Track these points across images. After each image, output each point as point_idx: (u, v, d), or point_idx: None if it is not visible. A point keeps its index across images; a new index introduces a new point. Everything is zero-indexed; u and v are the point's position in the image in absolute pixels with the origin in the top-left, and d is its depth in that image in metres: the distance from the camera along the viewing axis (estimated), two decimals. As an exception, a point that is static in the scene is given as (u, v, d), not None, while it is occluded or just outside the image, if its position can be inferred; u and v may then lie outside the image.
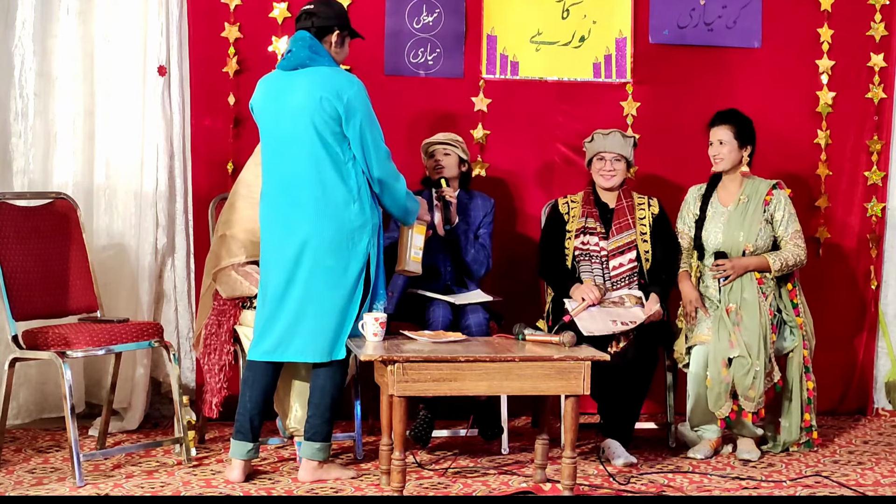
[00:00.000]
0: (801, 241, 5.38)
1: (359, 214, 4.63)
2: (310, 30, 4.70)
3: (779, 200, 5.38)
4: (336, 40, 4.74)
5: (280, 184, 4.69)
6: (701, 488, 4.72)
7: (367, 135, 4.63)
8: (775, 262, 5.28)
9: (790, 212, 5.39)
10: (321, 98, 4.57)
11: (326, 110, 4.58)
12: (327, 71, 4.65)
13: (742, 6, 6.06)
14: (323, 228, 4.60)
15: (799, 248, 5.36)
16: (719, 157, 5.39)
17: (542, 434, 4.74)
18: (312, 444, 4.68)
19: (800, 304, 5.41)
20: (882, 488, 4.74)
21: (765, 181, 5.42)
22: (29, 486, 4.63)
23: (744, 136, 5.38)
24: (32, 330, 4.86)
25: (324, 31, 4.71)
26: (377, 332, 4.64)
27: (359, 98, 4.62)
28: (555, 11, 5.97)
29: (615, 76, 6.01)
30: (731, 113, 5.44)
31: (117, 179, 5.74)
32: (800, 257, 5.36)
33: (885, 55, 6.13)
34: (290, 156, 4.65)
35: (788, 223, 5.38)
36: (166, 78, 5.67)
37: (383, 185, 4.69)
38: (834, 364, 6.14)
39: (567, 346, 4.52)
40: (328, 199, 4.60)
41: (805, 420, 5.30)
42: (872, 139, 6.16)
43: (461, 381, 4.35)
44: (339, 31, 4.73)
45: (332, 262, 4.61)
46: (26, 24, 5.55)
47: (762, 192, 5.37)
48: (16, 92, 5.57)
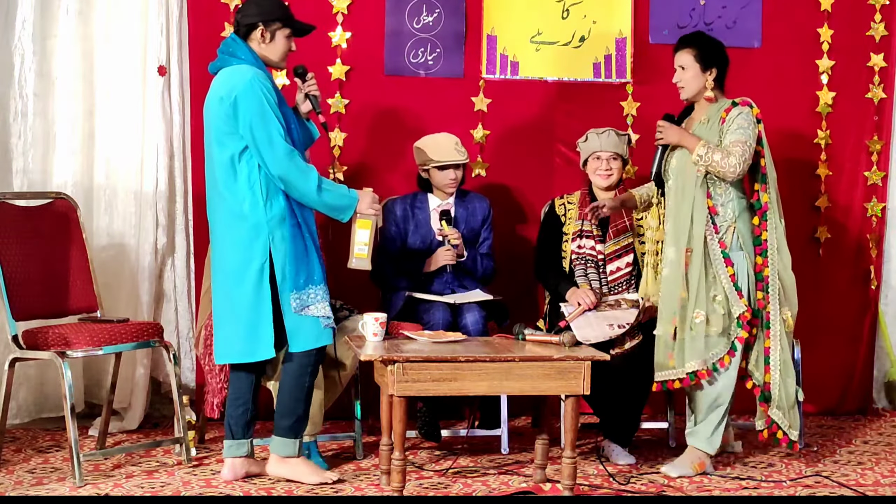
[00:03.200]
0: (739, 149, 4.82)
1: (252, 211, 4.55)
2: (238, 31, 4.68)
3: (734, 115, 4.92)
4: (263, 36, 4.63)
5: (207, 184, 4.74)
6: (701, 488, 4.72)
7: (258, 132, 4.52)
8: (701, 146, 4.84)
9: (738, 124, 4.89)
10: (219, 98, 4.58)
11: (222, 109, 4.56)
12: (226, 71, 4.62)
13: (742, 6, 6.06)
14: (223, 227, 4.63)
15: (732, 155, 4.81)
16: (681, 83, 5.01)
17: (542, 434, 4.75)
18: (275, 439, 4.70)
19: (770, 251, 4.97)
20: (882, 488, 4.74)
21: (728, 101, 5.01)
22: (29, 486, 4.63)
23: (707, 58, 4.98)
24: (32, 330, 4.86)
25: (249, 29, 4.65)
26: (377, 331, 4.63)
27: (247, 95, 4.52)
28: (555, 11, 5.97)
29: (615, 76, 6.01)
30: (694, 35, 5.11)
31: (117, 179, 5.74)
32: (727, 162, 4.80)
33: (885, 55, 6.13)
34: (209, 159, 4.71)
35: (732, 132, 4.88)
36: (166, 78, 5.67)
37: (284, 182, 4.56)
38: (834, 364, 6.14)
39: (567, 346, 4.52)
40: (224, 197, 4.59)
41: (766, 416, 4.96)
42: (872, 139, 6.16)
43: (461, 381, 4.35)
44: (263, 27, 4.63)
45: (234, 261, 4.59)
46: (26, 24, 5.55)
47: (722, 109, 4.97)
48: (15, 92, 5.57)
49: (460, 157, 5.37)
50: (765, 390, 4.93)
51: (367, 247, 4.74)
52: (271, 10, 4.67)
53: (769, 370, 4.92)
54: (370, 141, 5.87)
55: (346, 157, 5.88)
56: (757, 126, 4.93)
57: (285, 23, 4.69)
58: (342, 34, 5.83)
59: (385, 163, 5.85)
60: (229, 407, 4.76)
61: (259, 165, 4.56)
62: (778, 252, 4.97)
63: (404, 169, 5.63)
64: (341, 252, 5.59)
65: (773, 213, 4.99)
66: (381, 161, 5.87)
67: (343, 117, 5.86)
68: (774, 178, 5.03)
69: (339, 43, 5.83)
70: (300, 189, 4.59)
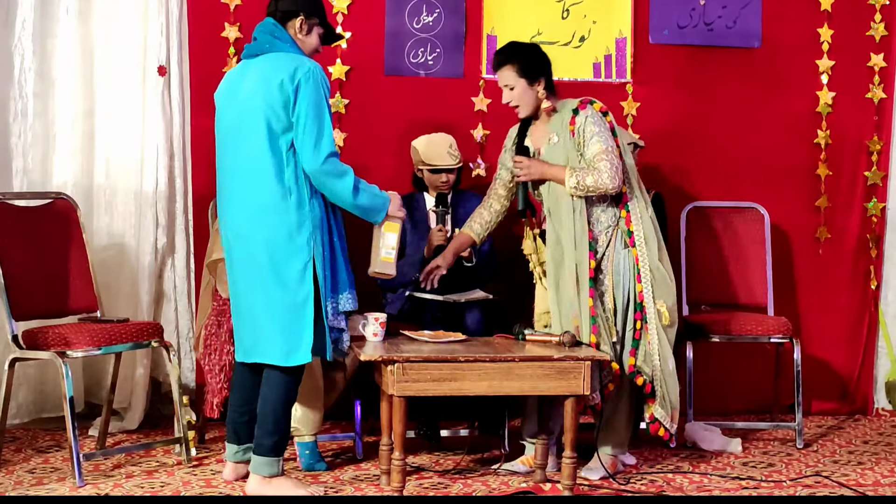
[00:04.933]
0: (605, 162, 4.65)
1: (296, 210, 4.38)
2: (274, 15, 4.55)
3: (581, 123, 4.73)
4: (301, 27, 4.53)
5: (226, 177, 4.52)
6: (701, 488, 4.72)
7: (310, 123, 4.33)
8: (571, 176, 4.66)
9: (592, 131, 4.70)
10: (277, 81, 4.35)
11: (277, 95, 4.34)
12: (284, 56, 4.44)
13: (742, 6, 6.06)
14: (259, 226, 4.38)
15: (601, 171, 4.64)
16: (513, 102, 4.79)
17: (542, 434, 4.74)
18: (256, 458, 4.47)
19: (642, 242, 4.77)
20: (882, 488, 4.74)
21: (569, 107, 4.79)
22: (29, 486, 4.63)
23: (530, 69, 4.76)
24: (32, 330, 4.86)
25: (288, 16, 4.51)
26: (377, 332, 4.63)
27: (309, 83, 4.35)
28: (555, 11, 5.97)
29: (615, 76, 6.01)
30: (509, 48, 4.86)
31: (117, 179, 5.74)
32: (601, 179, 4.63)
33: (885, 55, 6.13)
34: (235, 148, 4.47)
35: (591, 143, 4.69)
36: (166, 78, 5.67)
37: (321, 180, 4.38)
38: (834, 364, 6.15)
39: (567, 346, 4.52)
40: (264, 194, 4.36)
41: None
42: (872, 139, 6.16)
43: (461, 381, 4.35)
44: (304, 17, 4.52)
45: (270, 261, 4.37)
46: (26, 24, 5.55)
47: (567, 122, 4.76)
48: (15, 92, 5.57)
49: (452, 161, 5.36)
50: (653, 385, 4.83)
51: (394, 251, 4.67)
52: (315, 4, 4.60)
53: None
54: (370, 141, 5.87)
55: (346, 157, 5.82)
56: (605, 119, 4.77)
57: (322, 21, 4.64)
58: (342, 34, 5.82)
59: (385, 163, 5.85)
60: (234, 412, 4.67)
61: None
62: (646, 242, 4.78)
63: (404, 169, 5.63)
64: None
65: (634, 202, 4.80)
66: (380, 161, 5.86)
67: (343, 117, 5.86)
68: (632, 164, 4.87)
69: (339, 43, 5.82)
70: (337, 189, 4.42)
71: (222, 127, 4.57)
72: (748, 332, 5.52)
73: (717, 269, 5.89)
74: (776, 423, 5.76)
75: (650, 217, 4.82)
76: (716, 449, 5.33)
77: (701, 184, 6.07)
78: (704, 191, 6.05)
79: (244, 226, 4.44)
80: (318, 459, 4.94)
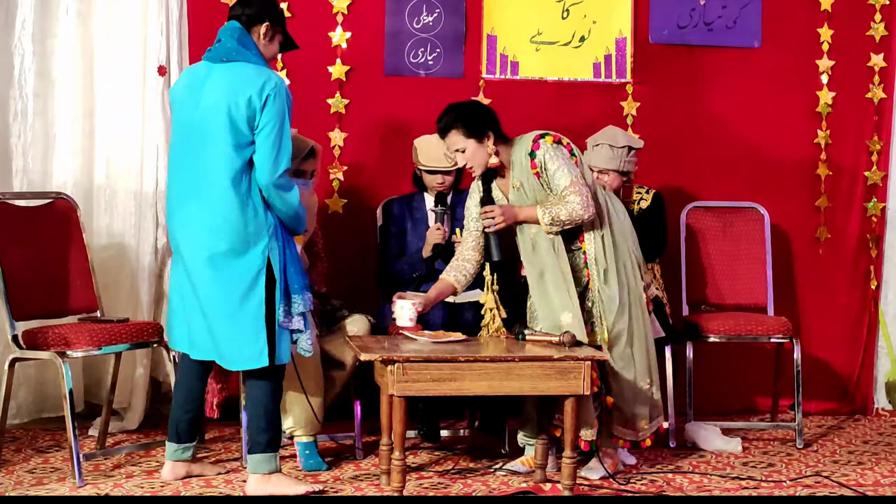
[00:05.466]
0: (575, 194, 4.63)
1: (253, 220, 4.40)
2: (240, 19, 4.54)
3: (541, 162, 4.71)
4: (265, 33, 4.54)
5: (181, 178, 4.51)
6: (701, 488, 4.72)
7: (273, 138, 4.37)
8: (544, 215, 4.66)
9: (555, 166, 4.68)
10: (245, 97, 4.36)
11: (244, 110, 4.36)
12: (252, 68, 4.43)
13: (742, 6, 6.06)
14: (217, 235, 4.39)
15: (572, 203, 4.62)
16: (469, 164, 4.76)
17: (542, 434, 4.74)
18: (252, 457, 4.52)
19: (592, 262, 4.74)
20: (882, 488, 4.74)
21: (524, 151, 4.74)
22: (29, 486, 4.63)
23: (475, 127, 4.73)
24: (32, 330, 4.86)
25: (253, 21, 4.52)
26: (412, 317, 4.67)
27: (277, 100, 4.38)
28: (555, 11, 5.97)
29: (615, 76, 6.01)
30: (449, 112, 4.79)
31: (117, 179, 5.74)
32: (575, 211, 4.63)
33: (885, 55, 6.13)
34: (194, 153, 4.44)
35: (556, 178, 4.68)
36: (166, 78, 5.67)
37: (269, 192, 4.41)
38: (834, 364, 6.15)
39: (567, 346, 4.52)
40: (223, 203, 4.38)
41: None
42: (872, 139, 6.16)
43: (461, 381, 4.35)
44: (269, 24, 4.54)
45: (228, 268, 4.39)
46: (26, 24, 5.55)
47: (527, 166, 4.73)
48: (15, 92, 5.57)
49: (447, 163, 5.35)
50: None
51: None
52: (278, 12, 4.64)
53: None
54: (370, 141, 5.87)
55: (345, 157, 5.88)
56: (561, 147, 4.73)
57: (284, 30, 4.66)
58: (342, 34, 5.83)
59: (385, 163, 5.85)
60: (178, 409, 4.66)
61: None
62: (595, 262, 4.76)
63: (404, 169, 5.62)
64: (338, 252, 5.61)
65: (590, 223, 4.76)
66: (381, 161, 5.87)
67: (343, 117, 5.86)
68: (591, 183, 4.79)
69: (339, 43, 5.83)
70: (286, 201, 4.45)
71: (181, 126, 4.55)
72: (748, 332, 5.52)
73: (717, 269, 5.89)
74: (776, 423, 5.76)
75: (606, 242, 4.76)
76: (716, 449, 5.33)
77: (701, 184, 6.07)
78: (704, 191, 6.05)
79: (201, 234, 4.44)
80: (319, 459, 4.94)
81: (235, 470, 4.87)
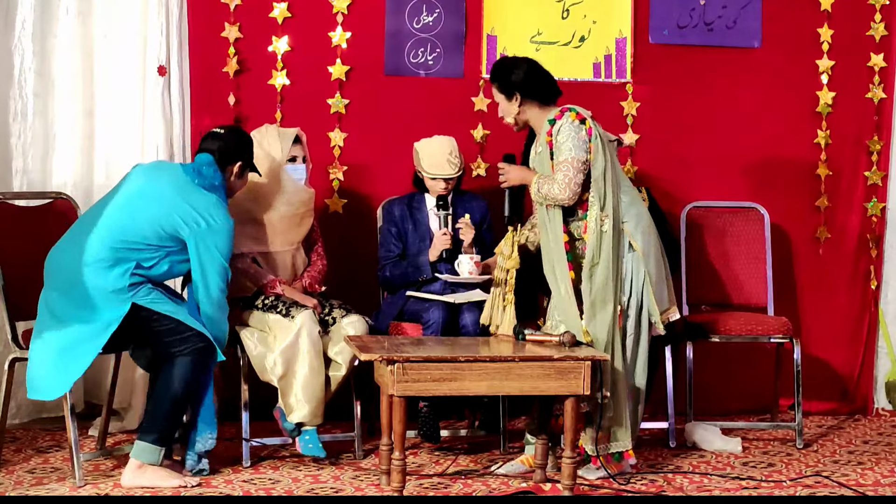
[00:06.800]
0: (561, 173, 4.68)
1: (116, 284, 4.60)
2: (213, 153, 4.78)
3: (555, 133, 4.76)
4: (237, 171, 4.84)
5: (98, 215, 4.70)
6: (701, 488, 4.72)
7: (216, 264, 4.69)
8: (534, 183, 4.76)
9: (562, 140, 4.72)
10: (193, 220, 4.62)
11: (176, 229, 4.63)
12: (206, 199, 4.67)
13: (742, 6, 6.06)
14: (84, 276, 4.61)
15: (555, 181, 4.68)
16: (500, 116, 4.95)
17: (541, 434, 4.74)
18: (140, 443, 4.62)
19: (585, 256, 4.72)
20: (882, 488, 4.74)
21: (549, 117, 4.81)
22: (29, 486, 4.63)
23: (506, 87, 4.86)
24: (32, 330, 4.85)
25: (227, 161, 4.81)
26: (472, 270, 5.04)
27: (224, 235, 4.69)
28: (555, 11, 5.97)
29: (615, 76, 6.01)
30: (493, 68, 4.98)
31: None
32: (552, 190, 4.69)
33: (885, 55, 6.13)
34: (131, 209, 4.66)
35: (560, 152, 4.72)
36: (166, 78, 5.67)
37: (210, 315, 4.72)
38: (834, 364, 6.15)
39: (567, 346, 4.52)
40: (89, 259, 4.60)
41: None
42: (872, 139, 6.16)
43: (461, 381, 4.35)
44: (241, 164, 4.84)
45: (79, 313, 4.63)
46: (26, 24, 5.55)
47: (545, 136, 4.80)
48: (15, 92, 5.57)
49: (451, 170, 5.34)
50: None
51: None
52: (249, 150, 4.90)
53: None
54: (370, 141, 5.87)
55: (345, 157, 5.88)
56: (582, 128, 4.74)
57: (253, 166, 4.93)
58: (342, 34, 5.83)
59: (385, 163, 5.85)
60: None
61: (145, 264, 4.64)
62: (592, 255, 4.72)
63: (404, 169, 5.62)
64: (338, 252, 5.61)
65: (593, 213, 4.74)
66: (380, 161, 5.87)
67: (343, 117, 5.86)
68: (600, 174, 4.73)
69: (339, 43, 5.83)
70: (220, 323, 4.75)
71: (131, 185, 4.76)
72: (748, 332, 5.52)
73: (717, 269, 5.89)
74: (776, 423, 5.76)
75: (610, 231, 4.72)
76: (716, 449, 5.33)
77: (701, 184, 6.06)
78: (704, 191, 6.05)
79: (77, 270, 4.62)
80: (318, 445, 4.93)
81: (236, 469, 4.87)
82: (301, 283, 5.21)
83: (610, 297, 4.72)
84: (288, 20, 5.79)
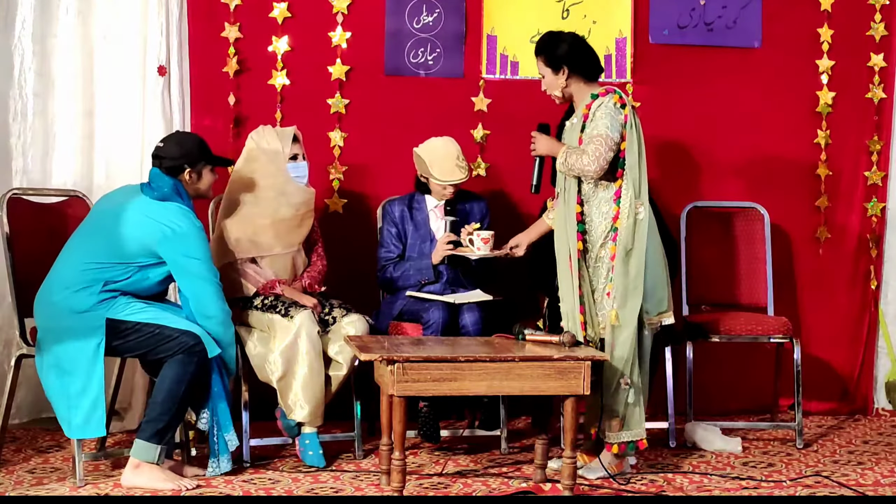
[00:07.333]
0: (594, 146, 4.69)
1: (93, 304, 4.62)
2: (157, 165, 4.78)
3: (594, 109, 4.79)
4: (190, 176, 4.80)
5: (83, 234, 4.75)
6: (701, 488, 4.72)
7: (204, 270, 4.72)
8: (562, 153, 4.77)
9: (597, 118, 4.75)
10: (162, 235, 4.63)
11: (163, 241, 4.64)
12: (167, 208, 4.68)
13: (742, 6, 6.06)
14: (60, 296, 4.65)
15: (586, 153, 4.70)
16: (546, 90, 4.94)
17: (541, 434, 4.75)
18: (139, 441, 4.63)
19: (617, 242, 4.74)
20: (882, 488, 4.74)
21: (590, 95, 4.85)
22: (29, 486, 4.63)
23: (553, 60, 4.85)
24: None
25: (176, 171, 4.78)
26: (480, 246, 5.12)
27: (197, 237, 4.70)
28: (555, 11, 5.97)
29: (615, 76, 6.01)
30: (540, 40, 4.96)
31: (117, 179, 5.72)
32: (580, 160, 4.70)
33: (885, 55, 6.14)
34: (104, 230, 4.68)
35: (595, 127, 4.74)
36: (166, 78, 5.67)
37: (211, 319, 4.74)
38: (834, 364, 6.15)
39: (567, 346, 4.52)
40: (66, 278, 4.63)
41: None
42: (872, 139, 6.16)
43: (461, 381, 4.35)
44: (189, 169, 4.79)
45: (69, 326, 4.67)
46: (26, 24, 5.55)
47: (584, 108, 4.84)
48: (15, 92, 5.58)
49: (462, 175, 5.35)
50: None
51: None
52: (193, 151, 4.82)
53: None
54: (370, 141, 5.87)
55: (345, 157, 5.88)
56: (622, 112, 4.77)
57: (207, 160, 4.85)
58: (342, 34, 5.83)
59: (385, 163, 5.85)
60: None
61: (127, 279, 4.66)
62: (624, 244, 4.73)
63: (404, 169, 5.63)
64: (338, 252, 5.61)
65: (627, 200, 4.77)
66: (380, 161, 5.87)
67: (343, 117, 5.86)
68: (635, 161, 4.77)
69: (339, 43, 5.83)
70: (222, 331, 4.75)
71: (97, 211, 4.83)
72: (748, 332, 5.52)
73: (717, 269, 5.89)
74: (776, 423, 5.76)
75: (647, 219, 4.75)
76: (716, 449, 5.33)
77: (701, 184, 6.07)
78: (704, 191, 6.06)
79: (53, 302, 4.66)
80: (319, 455, 4.93)
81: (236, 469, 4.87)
82: (301, 284, 5.21)
83: (641, 284, 4.74)
84: (288, 20, 5.79)
